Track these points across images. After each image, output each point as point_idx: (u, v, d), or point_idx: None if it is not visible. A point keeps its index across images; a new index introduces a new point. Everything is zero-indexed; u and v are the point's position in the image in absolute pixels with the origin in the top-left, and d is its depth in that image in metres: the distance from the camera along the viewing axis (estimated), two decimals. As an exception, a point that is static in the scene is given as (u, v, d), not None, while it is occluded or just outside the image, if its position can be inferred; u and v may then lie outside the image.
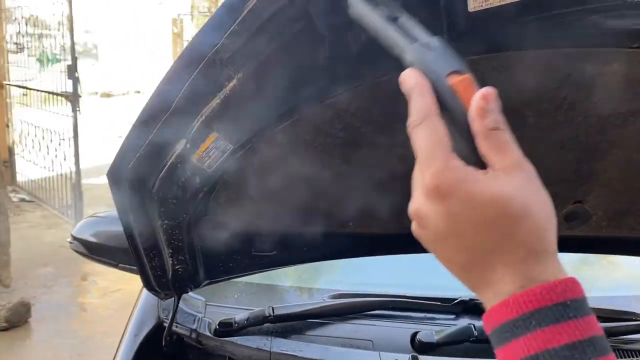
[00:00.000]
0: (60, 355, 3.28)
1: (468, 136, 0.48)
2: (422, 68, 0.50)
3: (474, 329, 1.19)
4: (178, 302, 1.15)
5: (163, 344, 1.18)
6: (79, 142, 4.98)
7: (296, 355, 1.14)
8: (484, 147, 0.47)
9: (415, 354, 1.15)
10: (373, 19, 0.55)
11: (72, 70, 4.71)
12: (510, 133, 0.48)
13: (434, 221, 0.49)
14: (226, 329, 1.20)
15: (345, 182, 0.93)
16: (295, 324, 1.23)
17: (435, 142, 0.48)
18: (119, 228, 1.70)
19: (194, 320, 1.22)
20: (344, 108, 0.79)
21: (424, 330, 1.20)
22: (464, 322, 1.25)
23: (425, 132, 0.48)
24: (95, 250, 1.63)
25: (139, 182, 0.89)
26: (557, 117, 0.85)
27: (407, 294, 1.30)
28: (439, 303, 1.28)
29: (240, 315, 1.22)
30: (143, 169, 0.87)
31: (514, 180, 0.47)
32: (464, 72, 0.49)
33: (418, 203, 0.50)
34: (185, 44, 9.13)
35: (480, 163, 0.48)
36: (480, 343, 1.17)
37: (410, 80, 0.50)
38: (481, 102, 0.47)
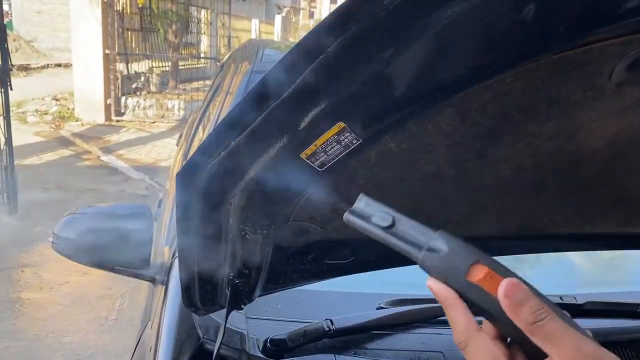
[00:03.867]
0: None
1: (517, 332, 0.46)
2: (440, 276, 0.49)
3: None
4: (226, 321, 0.96)
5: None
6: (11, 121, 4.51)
7: (367, 374, 0.99)
8: (535, 340, 0.45)
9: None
10: (373, 232, 0.54)
11: (0, 42, 4.23)
12: (560, 315, 0.46)
13: None
14: (279, 347, 1.02)
15: (467, 180, 0.77)
16: (356, 337, 1.07)
17: None
18: (110, 224, 1.48)
19: (240, 339, 1.03)
20: (506, 91, 0.63)
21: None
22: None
23: (476, 353, 0.47)
24: (83, 251, 1.40)
25: (220, 181, 0.70)
26: None
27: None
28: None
29: (293, 331, 1.04)
30: (230, 167, 0.68)
31: None
32: (481, 261, 0.48)
33: None
34: (117, 14, 8.49)
35: (542, 354, 0.46)
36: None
37: (436, 291, 0.49)
38: (508, 301, 0.45)
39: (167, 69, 10.46)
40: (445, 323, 1.11)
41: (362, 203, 0.56)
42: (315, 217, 0.80)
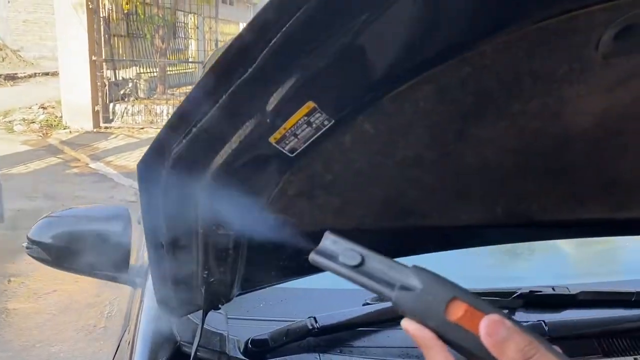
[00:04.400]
0: (-6, 371, 2.90)
1: None
2: (416, 315, 0.45)
3: (544, 325, 1.05)
4: (204, 322, 0.92)
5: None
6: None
7: (353, 374, 0.95)
8: None
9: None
10: (341, 273, 0.50)
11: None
12: (548, 348, 0.42)
13: None
14: (261, 347, 0.98)
15: (449, 164, 0.73)
16: (342, 334, 1.02)
17: None
18: (87, 227, 1.43)
19: (219, 341, 0.98)
20: (487, 65, 0.59)
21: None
22: (528, 317, 1.10)
23: None
24: (61, 256, 1.35)
25: (186, 170, 0.65)
26: None
27: (459, 290, 1.13)
28: (497, 298, 1.12)
29: (275, 330, 1.00)
30: (195, 153, 0.63)
31: None
32: (458, 297, 0.44)
33: None
34: (103, 20, 8.43)
35: None
36: (552, 340, 1.02)
37: (412, 333, 0.45)
38: (492, 340, 0.42)
39: (155, 74, 10.39)
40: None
41: (328, 241, 0.52)
42: (291, 209, 0.76)
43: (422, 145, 0.69)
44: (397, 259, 0.49)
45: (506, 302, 1.13)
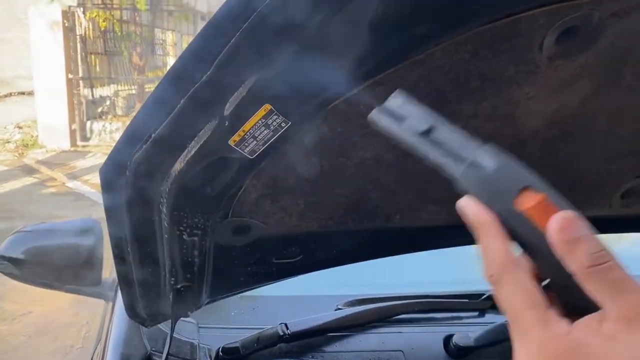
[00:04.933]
0: (-32, 394, 2.83)
1: (564, 276, 0.38)
2: (481, 196, 0.41)
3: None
4: (173, 330, 0.92)
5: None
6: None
7: (323, 379, 0.96)
8: (588, 290, 0.37)
9: (452, 360, 1.01)
10: (402, 137, 0.44)
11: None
12: (622, 264, 0.37)
13: None
14: (232, 355, 0.98)
15: (408, 165, 0.75)
16: (313, 340, 1.03)
17: (526, 303, 0.38)
18: (58, 241, 1.42)
19: (190, 349, 0.99)
20: (437, 67, 0.61)
21: (459, 333, 1.05)
22: (495, 319, 1.12)
23: (510, 291, 0.39)
24: (32, 272, 1.33)
25: (147, 177, 0.66)
26: None
27: (429, 293, 1.14)
28: (466, 300, 1.14)
29: (246, 338, 1.00)
30: (155, 160, 0.64)
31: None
32: (533, 186, 0.40)
33: None
34: (79, 38, 8.35)
35: (589, 307, 0.37)
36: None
37: (471, 214, 0.41)
38: (562, 236, 0.37)
39: (133, 91, 10.34)
40: (401, 322, 1.09)
41: (398, 101, 0.45)
42: (256, 212, 0.77)
43: (380, 146, 0.71)
44: None
45: (475, 303, 1.15)
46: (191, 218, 0.71)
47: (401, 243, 0.92)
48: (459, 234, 0.96)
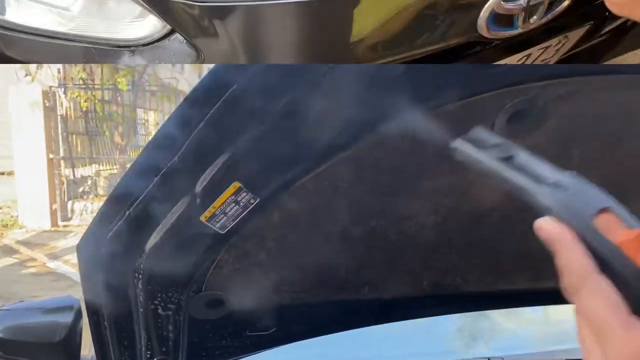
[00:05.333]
0: None
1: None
2: (561, 214, 0.43)
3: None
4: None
5: None
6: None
7: None
8: None
9: None
10: (485, 161, 0.48)
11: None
12: None
13: None
14: None
15: (374, 239, 0.79)
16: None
17: (607, 307, 0.41)
18: (40, 320, 1.41)
19: None
20: (397, 145, 0.67)
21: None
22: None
23: (592, 297, 0.41)
24: (11, 350, 1.32)
25: (122, 254, 0.69)
26: None
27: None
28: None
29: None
30: (129, 238, 0.68)
31: None
32: (611, 208, 0.43)
33: None
34: (60, 118, 8.39)
35: None
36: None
37: (551, 229, 0.43)
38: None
39: (115, 171, 10.39)
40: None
41: (478, 132, 0.50)
42: (228, 286, 0.80)
43: (347, 221, 0.75)
44: None
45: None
46: (165, 292, 0.74)
47: (374, 314, 0.95)
48: (432, 304, 1.00)
